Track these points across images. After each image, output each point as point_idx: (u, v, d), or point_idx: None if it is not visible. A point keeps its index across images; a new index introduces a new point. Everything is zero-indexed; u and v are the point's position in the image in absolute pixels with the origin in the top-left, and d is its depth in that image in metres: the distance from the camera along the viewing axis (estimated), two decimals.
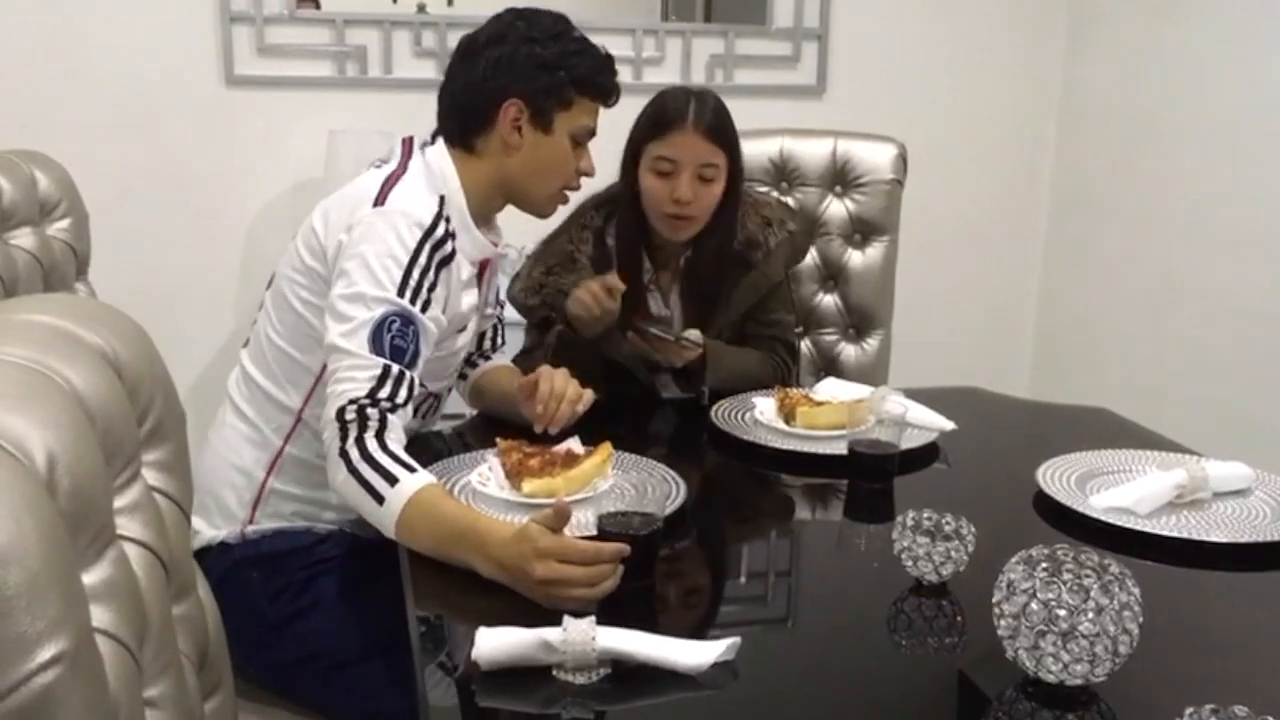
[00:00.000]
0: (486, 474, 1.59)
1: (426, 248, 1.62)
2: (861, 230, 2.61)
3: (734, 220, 2.08)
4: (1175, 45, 3.14)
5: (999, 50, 3.56)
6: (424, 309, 1.61)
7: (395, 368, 1.56)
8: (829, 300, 2.64)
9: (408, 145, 1.77)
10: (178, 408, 1.03)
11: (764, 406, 1.93)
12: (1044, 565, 1.13)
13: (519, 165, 1.75)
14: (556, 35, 1.73)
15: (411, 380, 1.58)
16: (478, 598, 1.37)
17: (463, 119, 1.75)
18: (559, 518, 1.28)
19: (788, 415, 1.87)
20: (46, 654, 0.67)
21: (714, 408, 1.95)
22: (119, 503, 0.88)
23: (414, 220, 1.62)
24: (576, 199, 2.11)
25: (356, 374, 1.54)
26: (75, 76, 3.03)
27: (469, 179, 1.74)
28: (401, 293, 1.58)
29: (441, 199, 1.69)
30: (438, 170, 1.72)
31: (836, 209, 2.61)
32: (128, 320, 0.99)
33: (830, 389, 2.03)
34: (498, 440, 1.64)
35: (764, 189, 2.47)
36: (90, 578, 0.79)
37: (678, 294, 2.11)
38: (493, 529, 1.36)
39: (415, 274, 1.60)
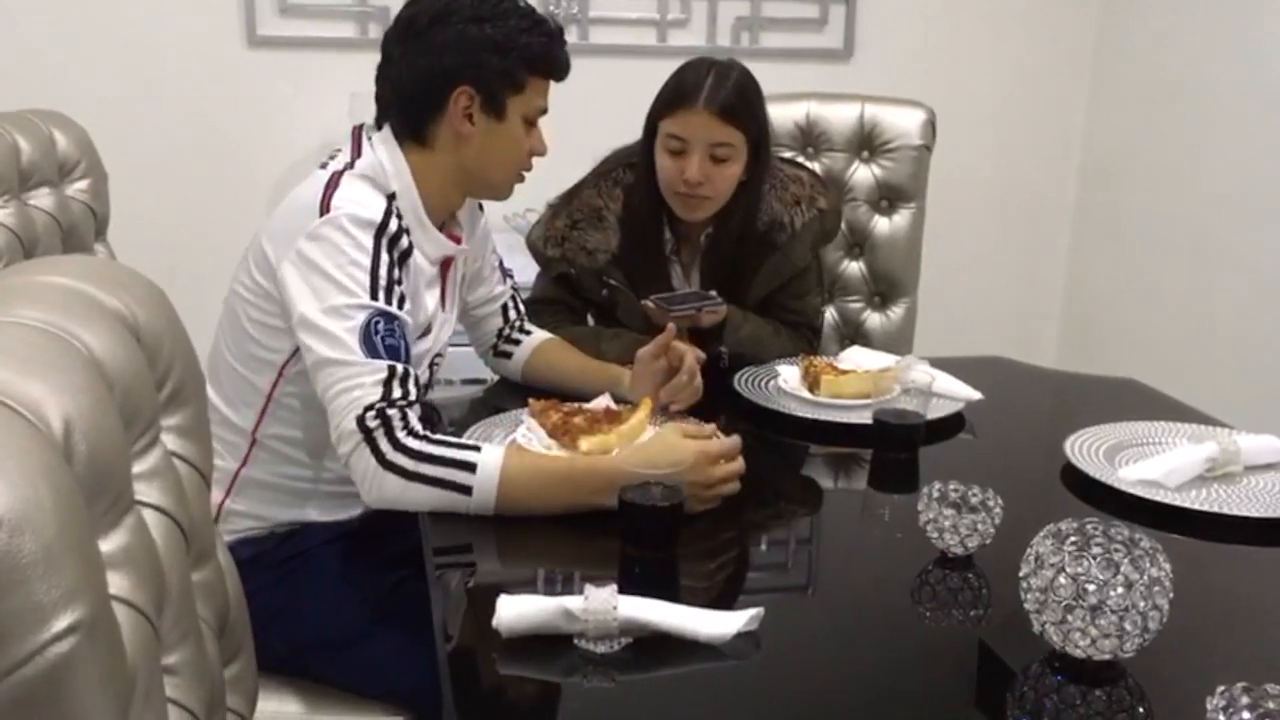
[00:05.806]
0: (528, 435, 1.58)
1: (384, 244, 1.55)
2: (888, 196, 2.58)
3: (757, 200, 2.01)
4: (1209, 8, 3.07)
5: (1030, 13, 3.50)
6: (400, 306, 1.54)
7: (399, 366, 1.49)
8: (854, 267, 2.61)
9: (356, 138, 1.67)
10: (197, 372, 1.02)
11: (788, 375, 1.91)
12: (1073, 539, 1.12)
13: (474, 156, 1.65)
14: (504, 11, 1.61)
15: (416, 377, 1.51)
16: (499, 566, 1.37)
17: (410, 109, 1.65)
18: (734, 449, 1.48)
19: (812, 384, 1.85)
20: (63, 623, 0.66)
21: (737, 375, 1.93)
22: (137, 468, 0.88)
23: (363, 220, 1.54)
24: (602, 150, 2.07)
25: (363, 379, 1.46)
26: (95, 36, 3.02)
27: (422, 174, 1.64)
28: (374, 294, 1.51)
29: (391, 196, 1.60)
30: (388, 166, 1.62)
31: (863, 175, 2.57)
32: (147, 283, 0.98)
33: (855, 357, 2.01)
34: (530, 401, 1.64)
35: (790, 154, 2.44)
36: (108, 545, 0.78)
37: (699, 270, 2.06)
38: (596, 461, 1.46)
39: (382, 273, 1.53)
